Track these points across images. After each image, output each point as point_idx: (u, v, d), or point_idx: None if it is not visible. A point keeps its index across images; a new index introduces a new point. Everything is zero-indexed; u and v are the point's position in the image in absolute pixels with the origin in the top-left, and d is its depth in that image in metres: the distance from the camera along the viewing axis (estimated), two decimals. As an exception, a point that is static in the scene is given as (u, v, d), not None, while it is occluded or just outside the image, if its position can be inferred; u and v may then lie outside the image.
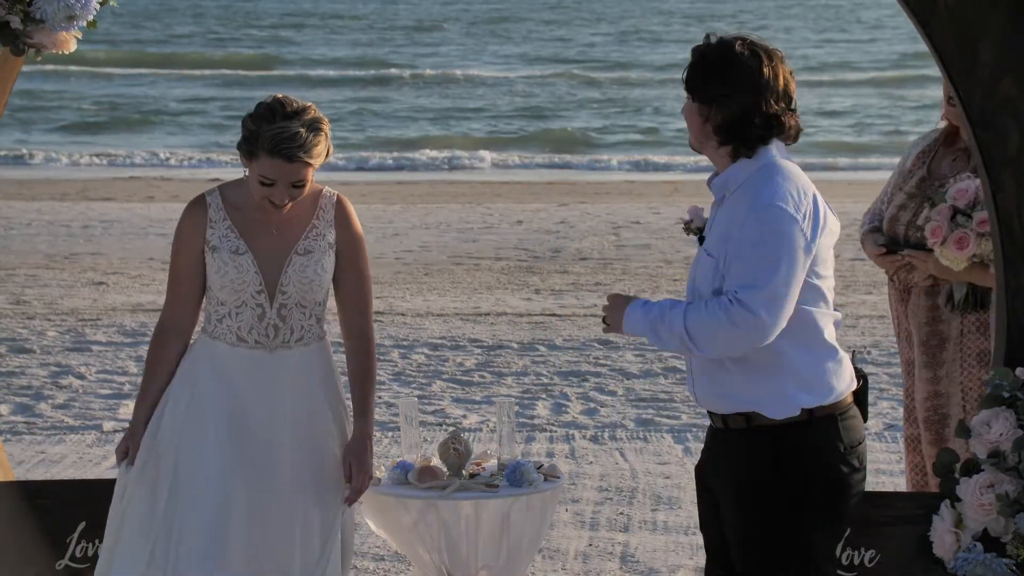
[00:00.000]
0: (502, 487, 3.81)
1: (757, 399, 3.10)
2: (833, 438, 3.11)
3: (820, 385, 3.11)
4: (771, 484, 3.10)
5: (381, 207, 15.03)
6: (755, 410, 3.10)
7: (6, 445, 6.56)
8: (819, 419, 3.10)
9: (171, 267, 3.57)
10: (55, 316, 9.45)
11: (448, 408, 7.29)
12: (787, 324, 3.06)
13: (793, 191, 3.07)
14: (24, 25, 3.69)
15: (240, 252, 3.47)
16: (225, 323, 3.51)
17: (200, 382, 3.50)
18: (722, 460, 3.20)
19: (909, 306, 4.12)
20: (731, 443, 3.17)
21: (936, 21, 3.64)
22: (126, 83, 28.08)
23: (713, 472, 3.24)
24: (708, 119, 3.13)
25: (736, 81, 3.09)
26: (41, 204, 15.18)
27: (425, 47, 34.71)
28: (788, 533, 3.11)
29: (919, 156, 4.15)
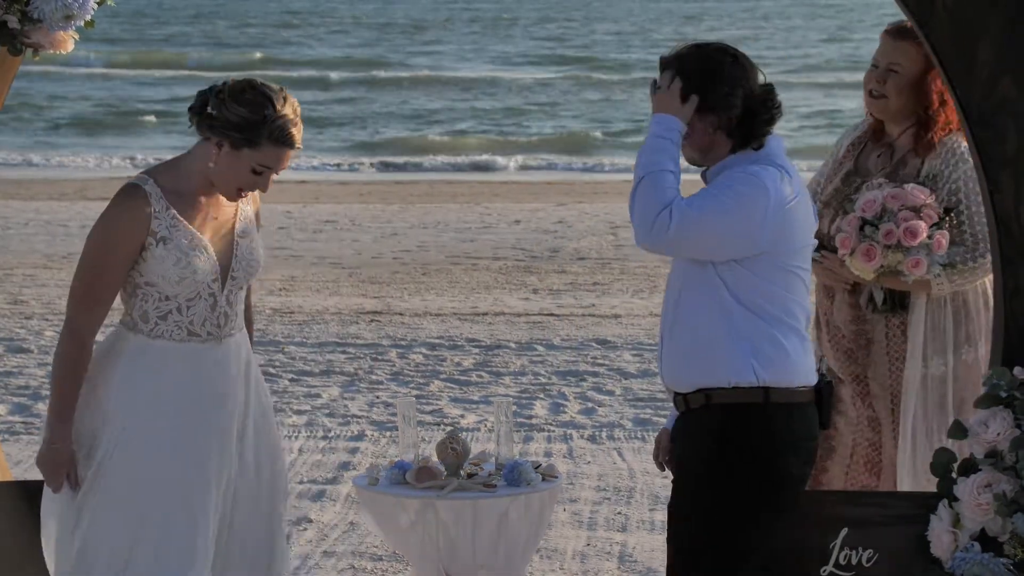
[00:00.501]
0: (500, 487, 3.81)
1: (712, 370, 3.15)
2: (786, 427, 3.17)
3: (780, 364, 3.16)
4: (710, 463, 3.16)
5: (379, 207, 15.03)
6: (713, 384, 3.15)
7: (4, 445, 6.55)
8: (775, 405, 3.15)
9: (97, 266, 3.28)
10: (53, 316, 9.45)
11: (446, 408, 7.29)
12: (754, 297, 3.13)
13: (778, 175, 3.15)
14: (22, 25, 3.68)
15: (194, 241, 3.29)
16: (172, 319, 3.31)
17: (158, 389, 3.29)
18: (680, 439, 3.27)
19: (834, 304, 4.12)
20: (689, 422, 3.23)
21: (935, 21, 3.64)
22: (124, 83, 28.07)
23: (675, 453, 3.29)
24: (719, 126, 3.19)
25: (729, 79, 3.17)
26: (39, 204, 15.18)
27: (425, 46, 34.70)
28: (722, 511, 3.16)
29: (850, 147, 4.12)
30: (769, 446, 3.16)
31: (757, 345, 3.15)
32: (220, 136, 3.26)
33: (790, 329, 3.19)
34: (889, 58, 3.97)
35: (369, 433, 6.85)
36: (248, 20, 42.16)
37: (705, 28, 38.93)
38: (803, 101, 24.59)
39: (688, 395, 3.21)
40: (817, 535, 3.78)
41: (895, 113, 4.00)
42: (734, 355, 3.15)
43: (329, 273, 11.21)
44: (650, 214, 3.08)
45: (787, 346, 3.18)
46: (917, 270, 3.86)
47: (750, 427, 3.16)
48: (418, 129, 22.92)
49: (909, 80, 3.95)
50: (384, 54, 32.88)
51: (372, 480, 3.90)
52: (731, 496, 3.15)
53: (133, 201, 3.26)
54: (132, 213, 3.26)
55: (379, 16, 43.55)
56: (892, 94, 3.97)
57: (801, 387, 3.20)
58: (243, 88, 3.27)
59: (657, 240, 3.09)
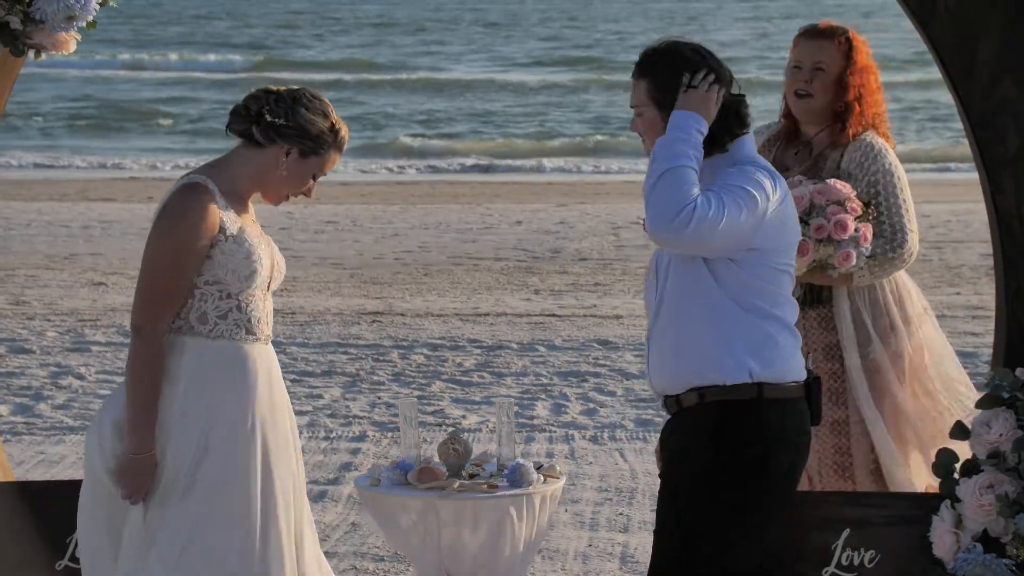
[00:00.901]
0: (501, 487, 3.81)
1: (705, 367, 3.15)
2: (779, 423, 3.17)
3: (771, 357, 3.17)
4: (704, 461, 3.16)
5: (380, 207, 15.03)
6: (706, 382, 3.16)
7: (6, 445, 6.55)
8: (768, 400, 3.16)
9: (173, 266, 3.20)
10: (55, 316, 9.45)
11: (447, 408, 7.29)
12: (746, 294, 3.15)
13: (770, 180, 3.17)
14: (24, 26, 3.69)
15: (252, 236, 3.30)
16: (232, 317, 3.27)
17: (228, 388, 3.25)
18: (673, 438, 3.25)
19: None
20: (684, 421, 3.23)
21: (936, 22, 3.64)
22: (124, 83, 28.08)
23: (666, 453, 3.29)
24: None
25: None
26: (41, 204, 15.18)
27: (427, 47, 34.71)
28: (708, 509, 3.16)
29: (763, 148, 4.17)
30: (762, 442, 3.17)
31: (750, 341, 3.16)
32: (291, 143, 3.29)
33: (782, 325, 3.20)
34: (814, 58, 4.03)
35: (371, 434, 6.85)
36: (250, 21, 42.17)
37: (711, 29, 38.94)
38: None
39: (681, 395, 3.21)
40: (819, 536, 3.78)
41: (819, 112, 4.07)
42: (728, 353, 3.15)
43: (331, 274, 11.21)
44: (671, 209, 3.08)
45: (779, 341, 3.19)
46: (847, 263, 3.90)
47: (744, 423, 3.16)
48: (419, 130, 22.92)
49: (834, 78, 4.02)
50: (386, 55, 32.89)
51: (374, 481, 3.90)
52: (726, 493, 3.15)
53: (204, 197, 3.23)
54: (204, 209, 3.22)
55: (382, 16, 43.56)
56: (818, 93, 4.04)
57: (793, 383, 3.21)
58: (308, 97, 3.31)
59: (674, 235, 3.09)
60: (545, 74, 29.30)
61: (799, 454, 3.24)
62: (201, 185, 3.26)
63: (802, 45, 4.08)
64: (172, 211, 3.23)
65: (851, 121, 4.03)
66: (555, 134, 22.29)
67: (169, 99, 25.70)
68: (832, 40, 4.04)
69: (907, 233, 3.97)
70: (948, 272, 11.20)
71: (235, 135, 3.34)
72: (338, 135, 3.33)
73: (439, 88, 27.45)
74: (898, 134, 22.31)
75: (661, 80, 3.18)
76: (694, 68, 3.17)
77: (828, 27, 4.10)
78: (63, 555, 3.93)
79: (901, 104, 24.97)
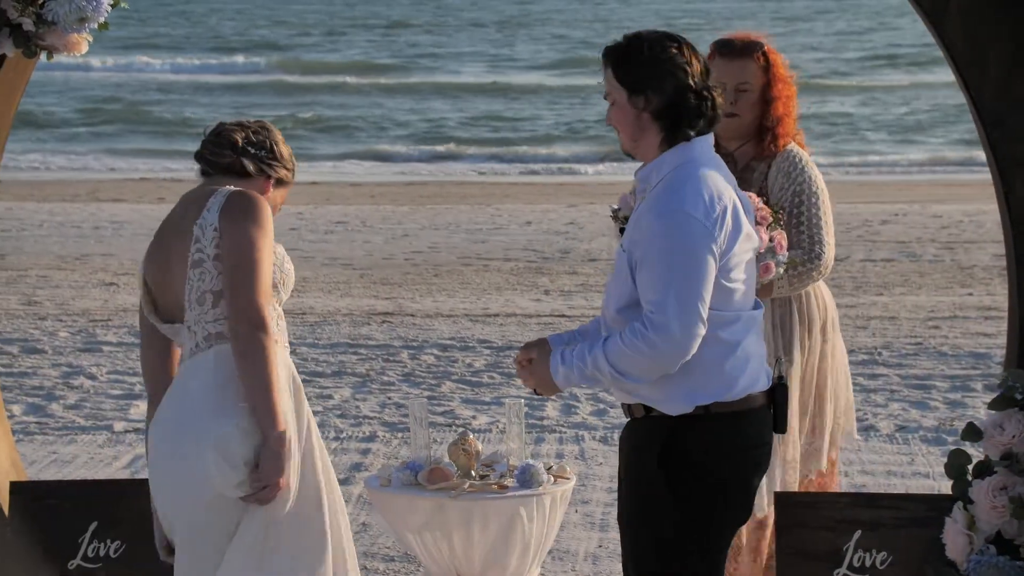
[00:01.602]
0: (512, 488, 3.81)
1: (653, 396, 3.13)
2: (727, 435, 3.12)
3: (717, 384, 3.11)
4: (654, 473, 3.13)
5: (390, 208, 15.04)
6: (650, 404, 3.14)
7: (18, 445, 6.57)
8: (716, 415, 3.11)
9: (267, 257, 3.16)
10: (66, 317, 9.47)
11: (458, 409, 7.29)
12: None
13: (706, 196, 3.08)
14: (36, 27, 3.70)
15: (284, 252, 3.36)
16: (279, 326, 3.28)
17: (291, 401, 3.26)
18: (623, 445, 3.25)
19: None
20: (632, 430, 3.21)
21: (948, 20, 3.63)
22: (136, 83, 28.14)
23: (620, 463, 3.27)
24: (644, 108, 3.13)
25: (663, 63, 3.12)
26: (52, 205, 15.22)
27: (437, 48, 34.72)
28: (660, 522, 3.13)
29: None
30: (714, 454, 3.12)
31: (690, 371, 3.08)
32: (275, 173, 3.34)
33: (727, 347, 3.11)
34: (736, 79, 4.02)
35: (381, 434, 6.86)
36: (257, 23, 42.23)
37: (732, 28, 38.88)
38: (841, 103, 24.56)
39: (631, 405, 3.19)
40: (829, 537, 3.77)
41: (744, 129, 4.07)
42: (671, 390, 3.10)
43: (340, 274, 11.22)
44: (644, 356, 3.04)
45: (725, 366, 3.11)
46: (767, 275, 3.91)
47: (691, 437, 3.11)
48: (429, 131, 22.93)
49: (758, 96, 4.02)
50: (396, 56, 32.91)
51: (384, 481, 3.91)
52: (676, 507, 3.12)
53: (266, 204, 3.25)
54: (268, 211, 3.23)
55: (390, 17, 43.59)
56: (744, 112, 4.05)
57: (742, 397, 3.13)
58: (273, 129, 3.36)
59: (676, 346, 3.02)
60: (556, 75, 29.29)
61: (754, 465, 3.17)
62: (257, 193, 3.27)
63: (722, 65, 4.02)
64: (253, 210, 3.19)
65: (780, 133, 4.05)
66: (565, 135, 22.28)
67: (178, 100, 25.74)
68: (751, 57, 4.03)
69: (824, 246, 4.02)
70: (961, 273, 11.17)
71: (218, 171, 3.31)
72: (294, 167, 3.40)
73: (450, 89, 27.46)
74: (911, 132, 22.28)
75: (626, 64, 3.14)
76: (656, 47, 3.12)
77: (745, 43, 4.06)
78: (75, 555, 3.94)
79: (912, 104, 24.92)
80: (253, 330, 3.12)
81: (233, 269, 3.16)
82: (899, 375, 7.94)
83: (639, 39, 3.16)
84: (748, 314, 3.16)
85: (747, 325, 3.15)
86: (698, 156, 3.14)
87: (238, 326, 3.13)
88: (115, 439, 6.77)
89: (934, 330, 9.02)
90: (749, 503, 3.20)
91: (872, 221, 13.95)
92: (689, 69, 3.11)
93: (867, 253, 12.07)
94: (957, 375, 7.91)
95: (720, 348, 3.10)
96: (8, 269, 11.13)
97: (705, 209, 3.05)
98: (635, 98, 3.13)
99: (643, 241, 3.07)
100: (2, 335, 8.76)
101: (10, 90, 4.01)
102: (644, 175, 3.19)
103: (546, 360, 3.17)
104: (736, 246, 3.10)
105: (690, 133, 3.13)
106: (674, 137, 3.13)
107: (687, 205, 3.05)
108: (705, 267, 3.03)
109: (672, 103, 3.11)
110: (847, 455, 6.47)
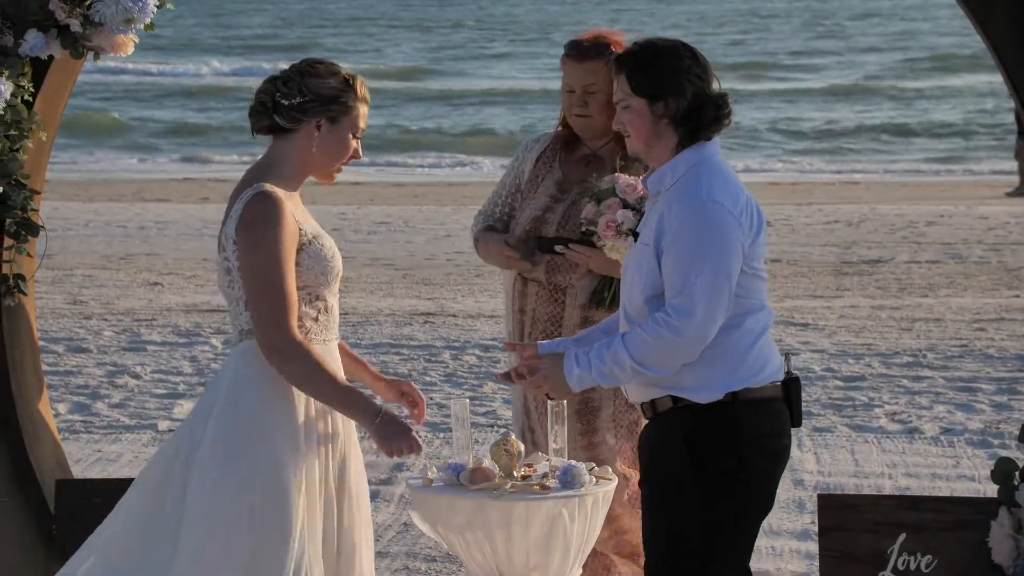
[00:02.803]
0: (554, 489, 3.80)
1: (683, 384, 3.16)
2: (752, 424, 3.15)
3: (745, 370, 3.16)
4: (682, 462, 3.15)
5: (433, 208, 15.07)
6: (680, 394, 3.17)
7: (64, 444, 6.63)
8: (740, 404, 3.15)
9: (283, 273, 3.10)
10: (111, 316, 9.56)
11: (499, 409, 7.29)
12: None
13: (731, 187, 3.17)
14: (83, 28, 3.73)
15: (320, 231, 3.24)
16: (322, 320, 3.24)
17: None
18: (645, 443, 3.26)
19: (565, 308, 4.09)
20: (656, 424, 3.23)
21: (995, 18, 3.60)
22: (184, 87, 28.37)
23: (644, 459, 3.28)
24: (663, 114, 3.18)
25: (679, 70, 3.18)
26: (98, 205, 15.36)
27: (480, 50, 34.76)
28: (689, 514, 3.15)
29: (540, 161, 4.15)
30: (740, 442, 3.15)
31: (719, 359, 3.13)
32: (317, 116, 3.20)
33: (753, 335, 3.17)
34: (583, 82, 4.02)
35: (423, 434, 6.87)
36: (322, 22, 42.41)
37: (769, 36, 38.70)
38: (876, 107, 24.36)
39: (655, 400, 3.21)
40: (873, 540, 3.75)
41: (599, 128, 4.06)
42: (697, 378, 3.13)
43: (383, 274, 11.25)
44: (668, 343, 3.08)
45: (748, 357, 3.15)
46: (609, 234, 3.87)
47: (721, 426, 3.15)
48: (472, 131, 22.96)
49: (607, 98, 3.93)
50: (438, 60, 32.98)
51: (426, 481, 3.91)
52: (703, 496, 3.14)
53: (278, 204, 3.14)
54: (286, 215, 3.14)
55: (433, 20, 43.70)
56: (595, 113, 4.03)
57: (767, 385, 3.18)
58: (312, 65, 3.24)
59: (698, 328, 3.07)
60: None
61: (776, 455, 3.21)
62: (268, 192, 3.17)
63: (571, 69, 4.04)
64: (259, 220, 3.13)
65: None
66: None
67: (206, 107, 25.91)
68: (599, 61, 4.00)
69: None
70: (1007, 274, 11.05)
71: (263, 134, 3.25)
72: (355, 87, 3.24)
73: (494, 92, 27.48)
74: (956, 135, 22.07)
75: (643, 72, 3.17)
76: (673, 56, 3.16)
77: (594, 45, 4.04)
78: (120, 552, 3.97)
79: (967, 105, 24.69)
80: (284, 360, 3.12)
81: (251, 297, 3.13)
82: (944, 377, 7.87)
83: (654, 47, 3.21)
84: (766, 304, 3.23)
85: (768, 315, 3.23)
86: (713, 154, 3.23)
87: (270, 357, 3.14)
88: (159, 438, 6.82)
89: (980, 332, 8.93)
90: (772, 493, 3.24)
91: (917, 222, 13.83)
92: (705, 77, 3.19)
93: (912, 255, 11.96)
94: (1003, 377, 7.82)
95: (747, 336, 3.16)
96: (54, 268, 11.25)
97: (732, 199, 3.14)
98: (655, 105, 3.19)
99: (672, 230, 3.13)
100: (48, 334, 8.85)
101: (58, 91, 4.05)
102: (656, 178, 3.24)
103: (559, 364, 3.20)
104: (760, 236, 3.19)
105: (703, 137, 3.20)
106: (691, 141, 3.21)
107: (716, 195, 3.14)
108: (733, 254, 3.11)
109: (692, 109, 3.18)
110: (891, 457, 6.42)
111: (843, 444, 6.64)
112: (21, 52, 3.77)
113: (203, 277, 11.06)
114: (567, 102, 4.11)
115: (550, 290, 4.12)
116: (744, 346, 3.16)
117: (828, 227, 13.77)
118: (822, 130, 22.96)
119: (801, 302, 10.06)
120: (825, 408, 7.26)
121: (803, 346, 8.59)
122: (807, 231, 13.54)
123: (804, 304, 9.98)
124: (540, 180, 4.16)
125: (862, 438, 6.73)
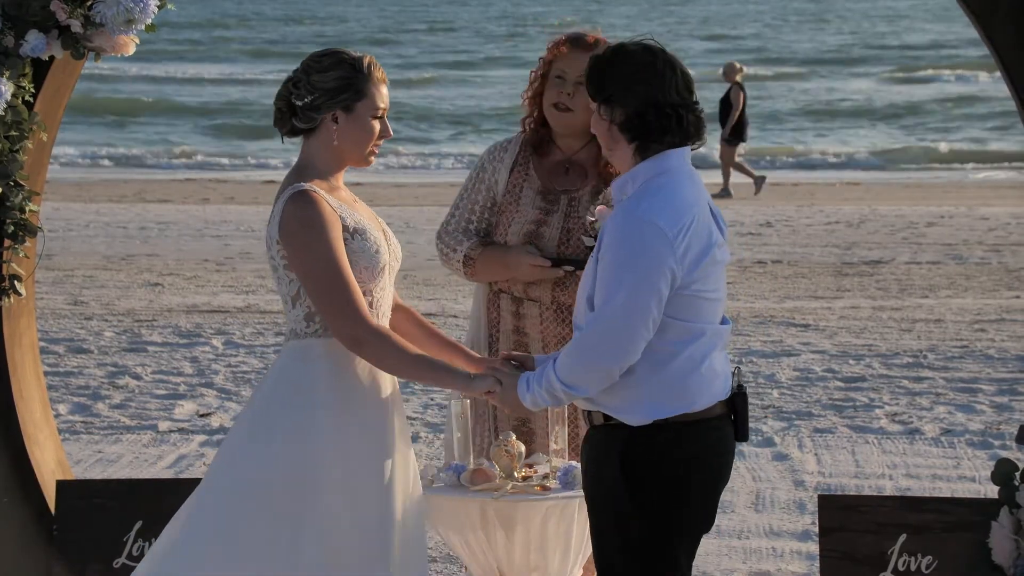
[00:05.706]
0: (554, 489, 3.80)
1: (613, 404, 3.11)
2: (687, 445, 3.09)
3: (679, 400, 3.08)
4: (614, 481, 3.11)
5: (435, 209, 15.06)
6: (611, 414, 3.13)
7: (64, 444, 6.63)
8: (674, 424, 3.08)
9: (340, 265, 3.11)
10: (112, 317, 9.56)
11: (500, 410, 7.29)
12: (652, 342, 3.04)
13: (673, 207, 3.05)
14: (84, 29, 3.74)
15: (367, 222, 3.23)
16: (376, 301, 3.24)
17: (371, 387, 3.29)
18: (583, 454, 3.24)
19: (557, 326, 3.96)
20: (591, 438, 3.20)
21: (997, 18, 3.59)
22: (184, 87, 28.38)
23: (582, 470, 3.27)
24: (612, 120, 3.11)
25: (629, 75, 3.08)
26: (99, 206, 15.37)
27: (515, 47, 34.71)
28: (623, 531, 3.11)
29: (515, 171, 3.96)
30: (673, 463, 3.09)
31: (654, 385, 3.07)
32: (331, 109, 3.21)
33: (693, 362, 3.08)
34: (578, 70, 3.73)
35: (424, 435, 6.86)
36: (356, 21, 42.29)
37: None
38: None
39: (591, 412, 3.18)
40: (873, 541, 3.75)
41: (579, 128, 3.86)
42: (630, 403, 3.08)
43: (384, 275, 11.25)
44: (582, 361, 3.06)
45: (688, 383, 3.08)
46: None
47: (654, 446, 3.09)
48: (478, 129, 22.97)
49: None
50: (460, 56, 32.97)
51: (427, 482, 3.91)
52: (638, 515, 3.10)
53: (317, 200, 3.15)
54: (326, 211, 3.14)
55: (456, 19, 43.65)
56: (580, 108, 3.81)
57: (705, 408, 3.11)
58: (315, 59, 3.25)
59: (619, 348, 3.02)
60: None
61: (715, 474, 3.15)
62: (307, 191, 3.17)
63: (570, 55, 3.83)
64: (300, 223, 3.15)
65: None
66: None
67: (222, 104, 25.93)
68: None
69: None
70: (1008, 275, 11.05)
71: (290, 136, 3.29)
72: (361, 69, 3.22)
73: (509, 86, 27.48)
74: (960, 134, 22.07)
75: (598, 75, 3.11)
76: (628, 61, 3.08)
77: (597, 41, 3.85)
78: (120, 553, 3.97)
79: (968, 103, 24.69)
80: (369, 350, 3.15)
81: (316, 301, 3.16)
82: (944, 378, 7.87)
83: (615, 51, 3.14)
84: (714, 327, 3.12)
85: (713, 339, 3.11)
86: (673, 167, 3.10)
87: (354, 350, 3.17)
88: (159, 439, 6.81)
89: (980, 333, 8.93)
90: (712, 512, 3.18)
91: (918, 223, 13.83)
92: (659, 82, 3.07)
93: (912, 255, 11.97)
94: (1004, 378, 7.82)
95: (684, 364, 3.08)
96: (55, 269, 11.25)
97: (669, 220, 3.03)
98: (604, 108, 3.12)
99: (606, 243, 3.07)
100: (48, 335, 8.85)
101: (59, 91, 4.05)
102: (619, 185, 3.17)
103: (514, 386, 3.19)
104: (705, 258, 3.06)
105: (659, 146, 3.09)
106: (646, 149, 3.11)
107: (652, 214, 3.03)
108: (659, 277, 3.00)
109: (636, 115, 3.07)
110: (892, 458, 6.42)
111: (844, 445, 6.64)
112: (22, 53, 3.77)
113: (204, 278, 11.06)
114: (552, 92, 3.88)
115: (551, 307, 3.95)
116: (682, 374, 3.07)
117: (829, 228, 13.78)
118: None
119: (802, 303, 10.06)
120: (826, 409, 7.26)
121: (804, 347, 8.59)
122: (808, 232, 13.54)
123: (805, 305, 9.98)
124: (519, 191, 3.96)
125: (863, 439, 6.73)
